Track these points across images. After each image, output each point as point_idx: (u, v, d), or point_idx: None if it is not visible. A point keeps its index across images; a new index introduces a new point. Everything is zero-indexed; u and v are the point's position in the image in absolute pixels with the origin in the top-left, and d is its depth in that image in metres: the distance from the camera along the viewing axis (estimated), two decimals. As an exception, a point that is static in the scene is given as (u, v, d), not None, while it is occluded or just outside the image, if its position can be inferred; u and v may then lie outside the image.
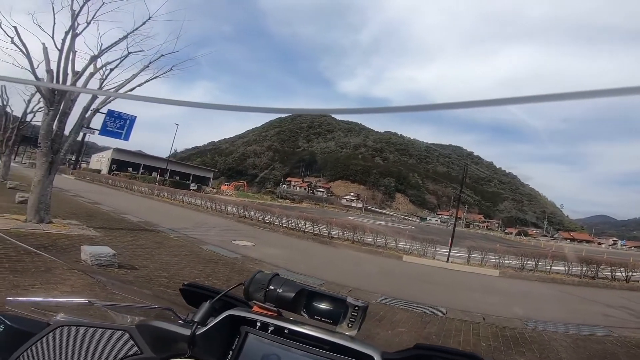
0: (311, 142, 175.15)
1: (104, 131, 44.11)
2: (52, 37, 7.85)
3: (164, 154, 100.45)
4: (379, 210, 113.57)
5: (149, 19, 8.64)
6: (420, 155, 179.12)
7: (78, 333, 0.80)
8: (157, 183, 36.44)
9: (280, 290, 0.83)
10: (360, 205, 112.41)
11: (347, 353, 0.76)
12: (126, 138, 45.33)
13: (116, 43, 8.59)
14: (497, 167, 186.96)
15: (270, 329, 0.81)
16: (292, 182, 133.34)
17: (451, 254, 12.54)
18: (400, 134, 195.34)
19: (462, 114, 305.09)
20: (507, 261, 12.32)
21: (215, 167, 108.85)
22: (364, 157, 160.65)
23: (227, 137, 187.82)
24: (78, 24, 7.92)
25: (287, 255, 9.49)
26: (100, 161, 68.97)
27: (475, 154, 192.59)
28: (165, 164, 61.97)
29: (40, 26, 7.76)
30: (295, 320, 0.83)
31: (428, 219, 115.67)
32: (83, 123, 8.54)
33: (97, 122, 42.99)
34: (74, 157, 54.46)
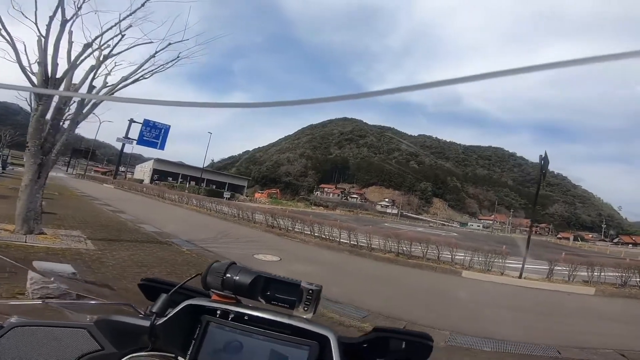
0: (343, 148, 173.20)
1: (141, 141, 45.62)
2: (35, 23, 6.73)
3: (205, 163, 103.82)
4: (415, 216, 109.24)
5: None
6: (458, 158, 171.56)
7: (35, 333, 0.77)
8: (186, 191, 36.24)
9: (237, 278, 0.83)
10: (395, 211, 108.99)
11: (304, 335, 0.78)
12: (162, 147, 46.58)
13: (112, 27, 7.37)
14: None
15: (231, 316, 0.81)
16: (325, 189, 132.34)
17: (516, 266, 10.18)
18: (436, 137, 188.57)
19: (504, 115, 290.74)
20: (596, 274, 9.74)
21: (249, 175, 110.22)
22: (398, 162, 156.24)
23: (261, 146, 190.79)
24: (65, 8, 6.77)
25: (319, 274, 7.70)
26: (143, 171, 71.90)
27: (519, 154, 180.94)
28: (201, 173, 63.01)
29: (22, 12, 6.68)
30: (254, 306, 0.84)
31: (469, 224, 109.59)
32: (79, 119, 7.34)
33: (134, 132, 43.97)
34: (120, 168, 56.86)
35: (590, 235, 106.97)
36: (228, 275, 0.84)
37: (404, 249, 11.32)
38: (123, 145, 45.91)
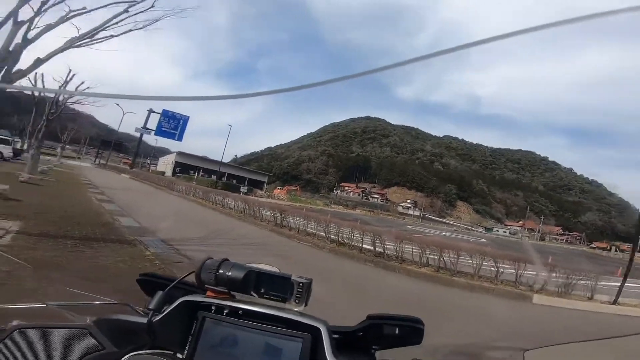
0: (365, 147, 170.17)
1: (160, 131, 44.49)
2: None
3: (227, 158, 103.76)
4: (438, 218, 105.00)
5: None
6: (485, 160, 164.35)
7: (36, 335, 0.78)
8: (194, 182, 34.77)
9: (230, 274, 0.84)
10: (417, 213, 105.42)
11: (297, 327, 0.80)
12: (179, 138, 45.34)
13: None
14: (578, 174, 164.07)
15: (226, 311, 0.83)
16: (346, 188, 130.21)
17: (601, 285, 7.49)
18: (462, 139, 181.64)
19: (535, 117, 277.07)
20: None
21: (270, 171, 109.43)
22: (421, 163, 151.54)
23: (282, 143, 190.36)
24: None
25: (330, 299, 5.29)
26: (165, 164, 72.16)
27: (551, 159, 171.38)
28: (219, 167, 62.03)
29: None
30: (248, 300, 0.85)
31: (494, 229, 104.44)
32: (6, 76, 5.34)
33: (153, 123, 42.98)
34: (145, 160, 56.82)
35: (626, 246, 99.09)
36: (221, 271, 0.85)
37: (449, 261, 8.74)
38: (141, 135, 45.08)
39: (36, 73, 15.86)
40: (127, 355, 0.78)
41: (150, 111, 42.56)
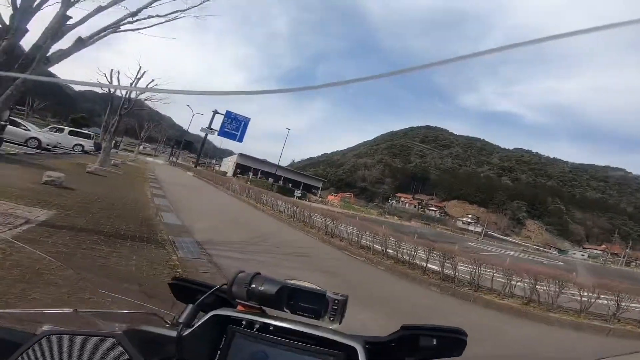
0: (424, 157, 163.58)
1: (222, 132, 46.38)
2: None
3: (286, 162, 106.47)
4: (502, 237, 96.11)
5: None
6: (564, 177, 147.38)
7: (65, 342, 0.77)
8: (248, 182, 35.14)
9: (262, 288, 0.82)
10: (478, 229, 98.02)
11: (330, 346, 0.77)
12: (240, 140, 46.84)
13: None
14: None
15: (256, 326, 0.81)
16: (402, 199, 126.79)
17: None
18: (536, 152, 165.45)
19: (628, 129, 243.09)
20: None
21: (325, 177, 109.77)
22: (487, 177, 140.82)
23: (339, 150, 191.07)
24: None
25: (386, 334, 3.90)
26: (228, 165, 75.85)
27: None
28: (275, 170, 63.18)
29: None
30: (279, 316, 0.83)
31: (570, 252, 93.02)
32: (42, 57, 4.92)
33: (217, 123, 44.93)
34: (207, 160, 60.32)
35: None
36: (253, 285, 0.82)
37: (538, 289, 6.81)
38: (205, 135, 47.43)
39: (112, 70, 16.88)
40: None
41: (215, 112, 44.57)
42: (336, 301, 0.81)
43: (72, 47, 5.35)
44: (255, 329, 0.80)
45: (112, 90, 15.65)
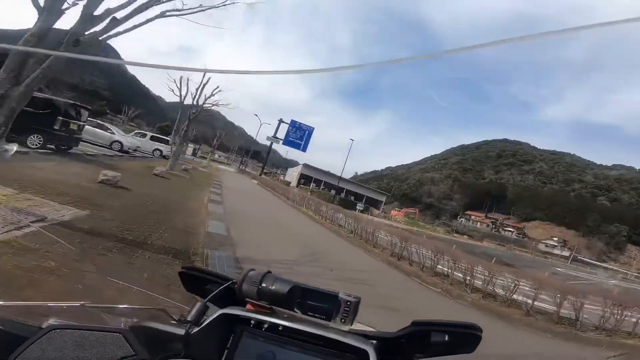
0: (501, 173, 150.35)
1: (287, 141, 47.01)
2: None
3: (348, 174, 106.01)
4: (594, 262, 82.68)
5: None
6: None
7: (71, 336, 0.77)
8: (309, 193, 34.40)
9: (273, 288, 0.81)
10: (565, 253, 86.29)
11: (341, 348, 0.75)
12: (304, 149, 47.00)
13: None
14: None
15: (265, 326, 0.80)
16: (472, 217, 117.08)
17: None
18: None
19: None
20: None
21: (389, 191, 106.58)
22: (578, 196, 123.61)
23: (403, 163, 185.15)
24: None
25: None
26: (292, 175, 77.44)
27: None
28: (338, 182, 62.20)
29: None
30: (289, 317, 0.82)
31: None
32: (72, 37, 4.35)
33: (281, 132, 45.93)
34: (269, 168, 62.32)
35: None
36: (264, 284, 0.82)
37: None
38: (271, 144, 48.39)
39: (181, 77, 17.45)
40: None
41: (280, 121, 45.31)
42: (348, 302, 0.79)
43: (105, 27, 4.74)
44: (264, 329, 0.79)
45: (182, 94, 15.94)
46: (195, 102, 16.91)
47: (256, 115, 52.33)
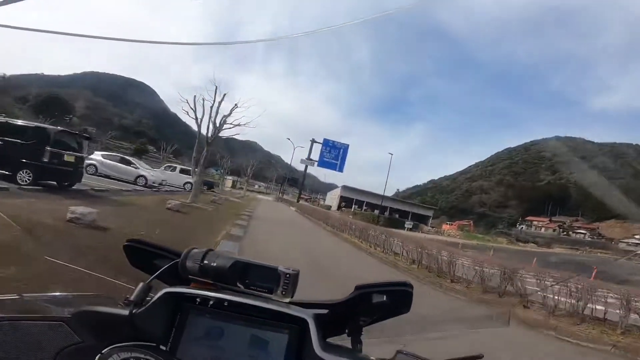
0: (558, 173, 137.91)
1: (322, 162, 44.71)
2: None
3: (390, 192, 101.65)
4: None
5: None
6: None
7: (11, 328, 0.75)
8: (351, 216, 31.49)
9: (215, 264, 0.82)
10: (656, 251, 75.03)
11: (283, 319, 0.79)
12: (340, 169, 44.35)
13: None
14: None
15: (210, 303, 0.81)
16: (534, 222, 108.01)
17: None
18: None
19: None
20: None
21: (435, 205, 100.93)
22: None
23: (447, 175, 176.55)
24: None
25: None
26: (332, 198, 75.27)
27: None
28: (381, 201, 58.62)
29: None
30: (233, 293, 0.83)
31: None
32: None
33: (315, 154, 44.09)
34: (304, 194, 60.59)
35: None
36: (206, 261, 0.82)
37: None
38: (306, 167, 46.73)
39: (195, 96, 15.96)
40: (108, 348, 0.77)
41: (313, 141, 43.64)
42: (288, 275, 0.81)
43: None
44: (209, 305, 0.80)
45: (197, 116, 14.14)
46: (211, 122, 15.11)
47: (289, 139, 51.34)
